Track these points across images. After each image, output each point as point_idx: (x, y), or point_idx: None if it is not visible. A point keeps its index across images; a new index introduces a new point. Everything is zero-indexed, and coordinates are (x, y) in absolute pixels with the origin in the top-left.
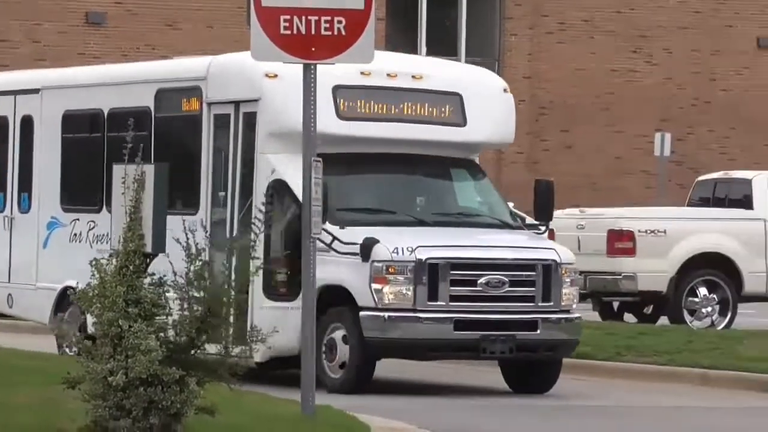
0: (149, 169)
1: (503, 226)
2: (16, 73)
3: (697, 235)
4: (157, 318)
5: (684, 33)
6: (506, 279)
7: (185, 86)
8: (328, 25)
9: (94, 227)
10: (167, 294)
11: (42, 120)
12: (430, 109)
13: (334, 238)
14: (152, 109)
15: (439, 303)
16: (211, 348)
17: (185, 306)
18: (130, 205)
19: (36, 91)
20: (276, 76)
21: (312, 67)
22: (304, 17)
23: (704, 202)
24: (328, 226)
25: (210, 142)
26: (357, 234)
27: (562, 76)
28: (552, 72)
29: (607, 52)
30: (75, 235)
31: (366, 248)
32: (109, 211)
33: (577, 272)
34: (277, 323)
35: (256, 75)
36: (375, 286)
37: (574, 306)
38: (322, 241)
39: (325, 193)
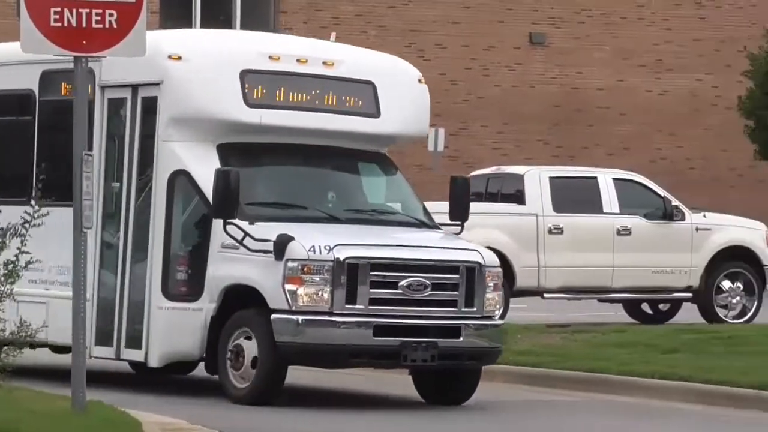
0: None
1: (419, 224)
2: None
3: (469, 231)
4: None
5: (456, 28)
6: (429, 282)
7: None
8: (99, 18)
9: None
10: None
11: None
12: (343, 97)
13: (246, 234)
14: (36, 92)
15: (358, 306)
16: None
17: None
18: None
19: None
20: (180, 58)
21: (83, 60)
22: (75, 10)
23: (477, 197)
24: (237, 221)
25: (103, 128)
26: (270, 230)
27: None
28: None
29: (380, 46)
30: None
31: (280, 246)
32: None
33: (500, 276)
34: (177, 325)
35: (159, 56)
36: (289, 286)
37: (497, 312)
38: (233, 238)
39: (236, 186)
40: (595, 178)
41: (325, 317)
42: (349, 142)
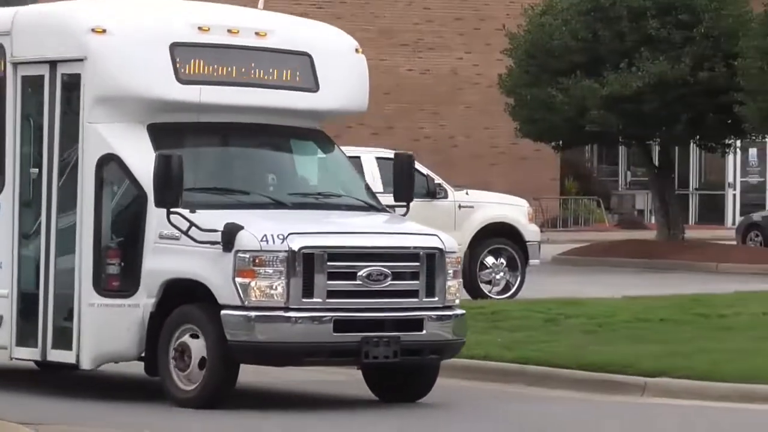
0: None
1: (368, 207)
2: None
3: None
4: None
5: None
6: (389, 271)
7: None
8: None
9: None
10: None
11: None
12: (278, 71)
13: (191, 224)
14: None
15: (315, 300)
16: None
17: None
18: None
19: None
20: (104, 31)
21: None
22: None
23: None
24: (180, 210)
25: (17, 109)
26: (215, 219)
27: None
28: None
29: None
30: None
31: (228, 236)
32: None
33: (460, 261)
34: (112, 323)
35: (80, 30)
36: (239, 280)
37: (457, 301)
38: (178, 228)
39: (179, 172)
40: (359, 157)
41: (281, 312)
42: (285, 119)
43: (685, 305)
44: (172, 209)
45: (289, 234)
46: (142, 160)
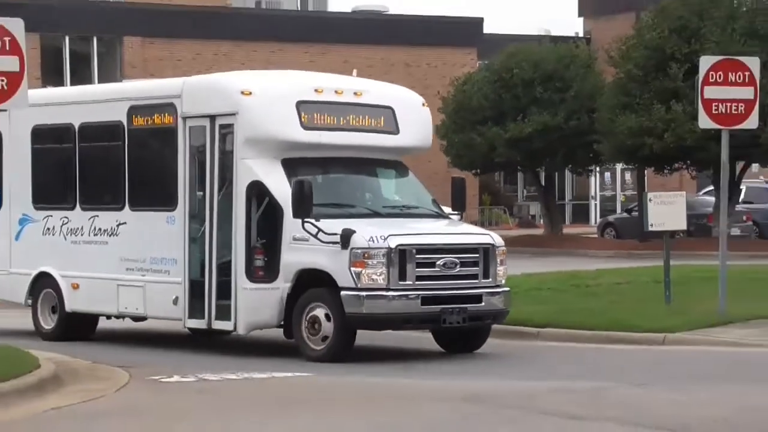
0: None
1: (436, 215)
2: None
3: None
4: None
5: None
6: (457, 260)
7: (160, 103)
8: None
9: (67, 222)
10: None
11: (11, 134)
12: (370, 119)
13: (319, 230)
14: (125, 122)
15: (407, 282)
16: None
17: None
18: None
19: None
20: (251, 93)
21: None
22: None
23: None
24: (311, 220)
25: (186, 149)
26: (334, 226)
27: None
28: None
29: None
30: (48, 229)
31: (345, 238)
32: (84, 210)
33: (506, 252)
34: (259, 301)
35: (233, 92)
36: (354, 269)
37: (504, 281)
38: (309, 233)
39: (310, 192)
40: None
41: (383, 292)
42: (376, 153)
43: (564, 279)
44: (306, 219)
45: (388, 235)
46: (278, 185)
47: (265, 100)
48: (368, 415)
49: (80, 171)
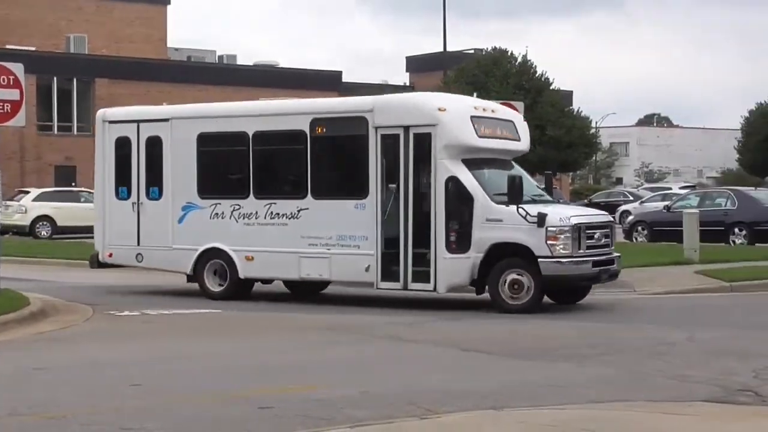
0: None
1: (555, 201)
2: (136, 108)
3: None
4: None
5: None
6: (602, 234)
7: (350, 116)
8: (1, 105)
9: (239, 209)
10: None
11: (173, 140)
12: (506, 130)
13: (527, 212)
14: (307, 131)
15: (582, 251)
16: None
17: None
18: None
19: (165, 120)
20: (445, 110)
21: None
22: None
23: None
24: (501, 205)
25: (377, 153)
26: (531, 209)
27: None
28: None
29: None
30: (216, 214)
31: (542, 219)
32: (258, 198)
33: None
34: (454, 268)
35: (432, 108)
36: (550, 242)
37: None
38: (521, 215)
39: (521, 185)
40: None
41: (569, 259)
42: (508, 155)
43: None
44: (519, 205)
45: (569, 216)
46: (467, 178)
47: (455, 115)
48: (257, 339)
49: (254, 168)
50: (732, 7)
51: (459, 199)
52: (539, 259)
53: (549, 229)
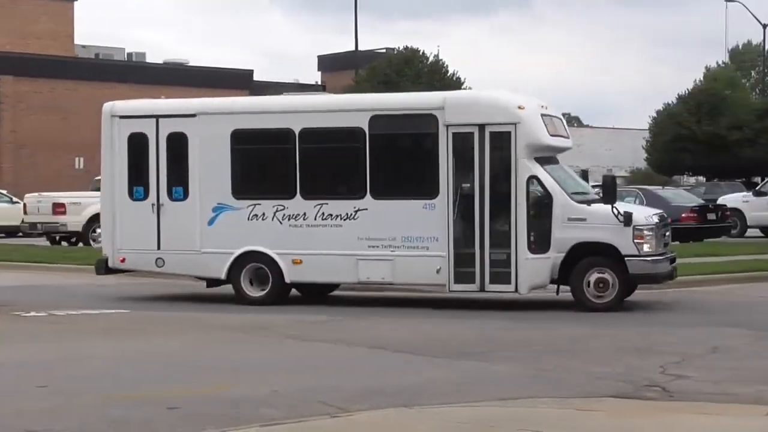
0: None
1: (597, 197)
2: (152, 102)
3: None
4: None
5: None
6: (668, 233)
7: (417, 113)
8: None
9: (283, 209)
10: None
11: (200, 136)
12: (562, 128)
13: (619, 212)
14: (366, 128)
15: (661, 249)
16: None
17: None
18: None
19: (191, 115)
20: (524, 108)
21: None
22: None
23: None
24: (582, 204)
25: (448, 151)
26: (619, 209)
27: None
28: None
29: None
30: (255, 215)
31: (628, 218)
32: (306, 199)
33: None
34: (535, 268)
35: (512, 107)
36: (636, 241)
37: None
38: (615, 215)
39: (615, 185)
40: None
41: (653, 257)
42: (562, 152)
43: None
44: (613, 205)
45: (651, 215)
46: (546, 177)
47: (532, 113)
48: (165, 339)
49: (301, 167)
50: (637, 9)
51: (538, 199)
52: (626, 258)
53: (636, 227)
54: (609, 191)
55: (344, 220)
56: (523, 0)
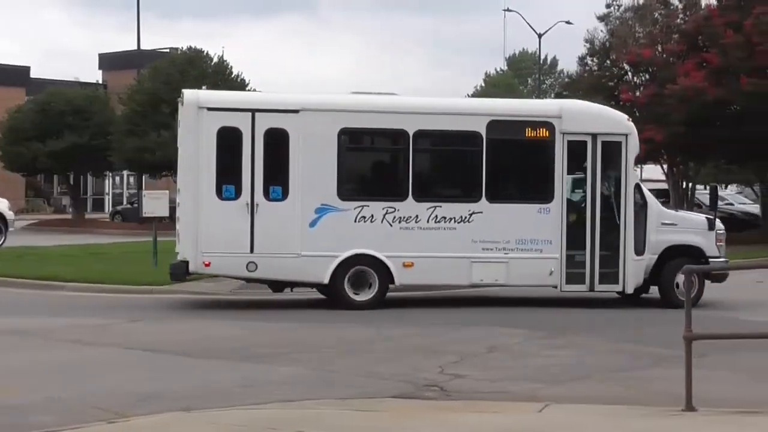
0: None
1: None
2: (246, 95)
3: None
4: None
5: None
6: None
7: (534, 120)
8: None
9: (394, 212)
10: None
11: (303, 134)
12: None
13: (708, 219)
14: (484, 132)
15: (722, 251)
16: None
17: None
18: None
19: (293, 111)
20: (630, 120)
21: None
22: None
23: None
24: (671, 210)
25: (563, 157)
26: (690, 215)
27: None
28: None
29: None
30: (363, 217)
31: (711, 223)
32: (419, 201)
33: None
34: (636, 269)
35: (623, 120)
36: (718, 244)
37: None
38: (708, 221)
39: (717, 195)
40: None
41: (725, 258)
42: None
43: (85, 249)
44: (714, 211)
45: (714, 219)
46: (643, 186)
47: (634, 127)
48: None
49: (414, 168)
50: (420, 15)
51: (638, 205)
52: (710, 259)
53: (718, 232)
54: (714, 199)
55: (458, 222)
56: (308, 3)
